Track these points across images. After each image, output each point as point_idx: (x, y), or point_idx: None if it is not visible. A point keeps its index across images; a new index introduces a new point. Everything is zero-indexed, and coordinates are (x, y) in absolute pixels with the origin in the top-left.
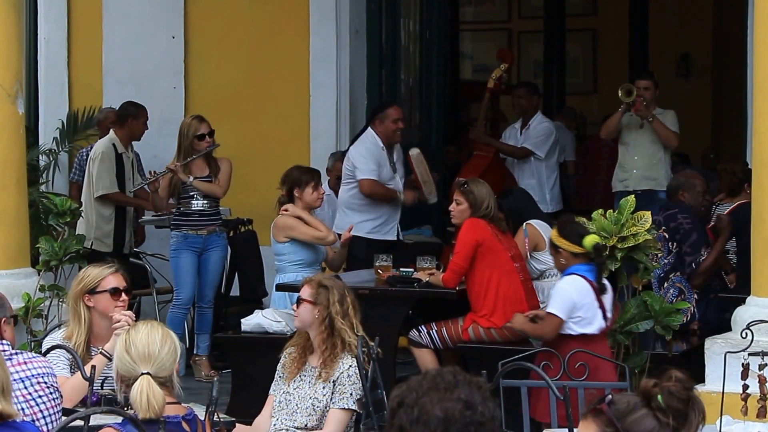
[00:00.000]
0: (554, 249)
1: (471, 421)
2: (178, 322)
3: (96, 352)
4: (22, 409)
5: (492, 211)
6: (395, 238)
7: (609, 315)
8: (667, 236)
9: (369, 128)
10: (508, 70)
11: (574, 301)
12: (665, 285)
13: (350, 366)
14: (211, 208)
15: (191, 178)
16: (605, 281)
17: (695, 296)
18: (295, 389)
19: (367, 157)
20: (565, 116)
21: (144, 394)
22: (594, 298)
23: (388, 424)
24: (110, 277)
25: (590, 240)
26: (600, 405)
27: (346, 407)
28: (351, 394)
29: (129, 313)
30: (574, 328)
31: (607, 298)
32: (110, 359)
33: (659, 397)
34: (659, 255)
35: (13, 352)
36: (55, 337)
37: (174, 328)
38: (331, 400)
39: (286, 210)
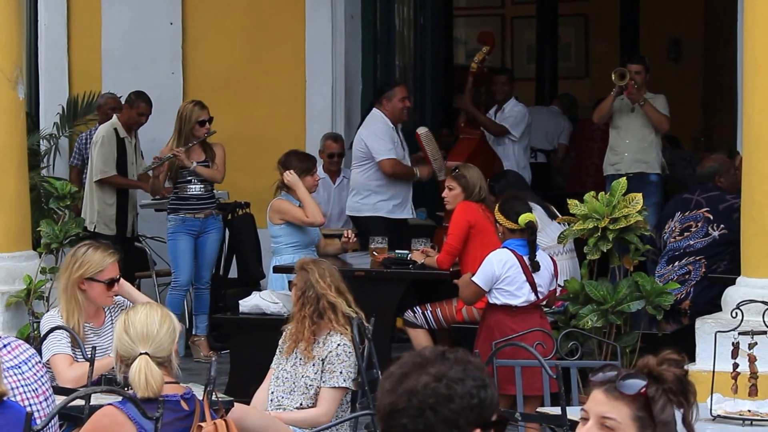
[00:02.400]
0: (496, 222)
1: (434, 393)
2: (177, 304)
3: (89, 328)
4: (24, 392)
5: (483, 193)
6: (411, 216)
7: (542, 290)
8: (711, 217)
9: (375, 109)
10: (490, 53)
11: (495, 274)
12: (675, 264)
13: (339, 344)
14: (207, 192)
15: (194, 164)
16: (540, 260)
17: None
18: (292, 366)
19: (382, 137)
20: (561, 101)
21: (142, 373)
22: (520, 272)
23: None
24: (110, 267)
25: (524, 218)
26: (641, 389)
27: (337, 385)
28: (341, 372)
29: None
30: (498, 298)
31: (542, 276)
32: None
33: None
34: (686, 234)
35: (2, 336)
36: (54, 318)
37: (173, 310)
38: (321, 379)
39: (291, 173)
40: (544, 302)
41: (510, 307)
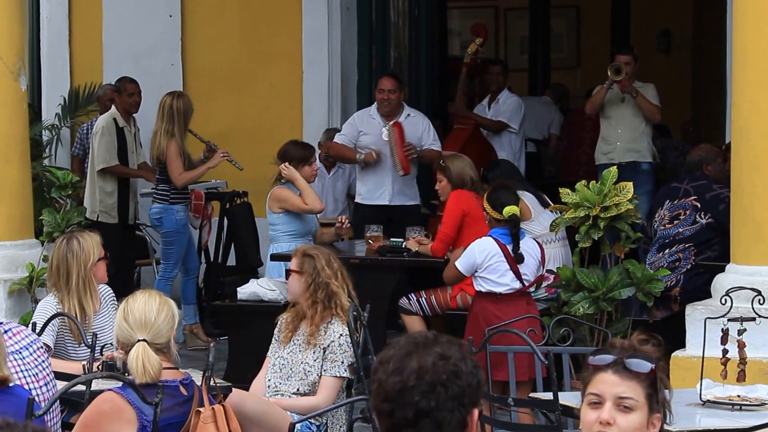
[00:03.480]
0: (484, 210)
1: (444, 371)
2: (168, 293)
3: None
4: (24, 377)
5: (474, 181)
6: (387, 203)
7: (528, 278)
8: (699, 206)
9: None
10: (484, 44)
11: (476, 262)
12: (665, 252)
13: (341, 335)
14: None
15: (222, 154)
16: (525, 248)
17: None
18: (289, 353)
19: (346, 123)
20: (552, 91)
21: (140, 359)
22: (503, 261)
23: (371, 381)
24: (101, 247)
25: (508, 210)
26: (652, 367)
27: (338, 375)
28: (342, 362)
29: None
30: (482, 285)
31: (527, 264)
32: None
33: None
34: (676, 222)
35: (3, 322)
36: (50, 306)
37: None
38: (322, 367)
39: (287, 167)
40: (533, 288)
41: (494, 294)
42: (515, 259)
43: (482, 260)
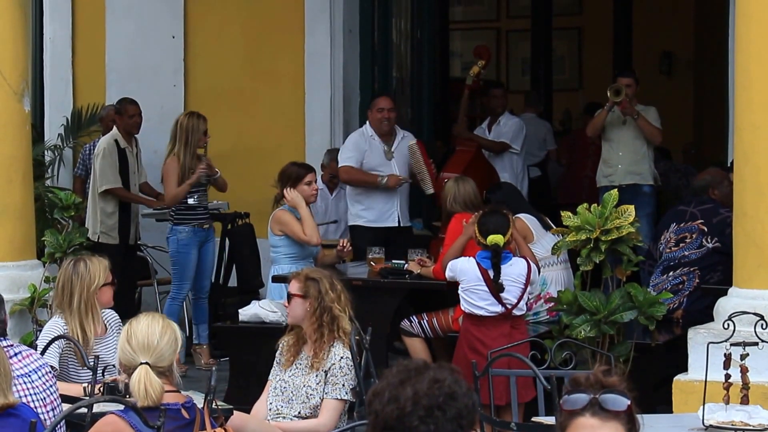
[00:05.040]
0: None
1: (440, 393)
2: (177, 313)
3: (95, 338)
4: (32, 401)
5: (478, 204)
6: (396, 225)
7: (510, 302)
8: (706, 230)
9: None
10: (486, 67)
11: (456, 274)
12: (670, 274)
13: (342, 357)
14: (207, 202)
15: (219, 173)
16: (506, 278)
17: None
18: (290, 377)
19: (348, 145)
20: (529, 103)
21: (142, 382)
22: (481, 284)
23: (367, 414)
24: (109, 272)
25: (491, 239)
26: (626, 406)
27: (339, 398)
28: (343, 385)
29: None
30: (464, 305)
31: (510, 292)
32: None
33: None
34: (681, 245)
35: (14, 344)
36: (56, 327)
37: (173, 319)
38: (324, 390)
39: (289, 192)
40: (530, 312)
41: (476, 317)
42: (496, 288)
43: (461, 279)
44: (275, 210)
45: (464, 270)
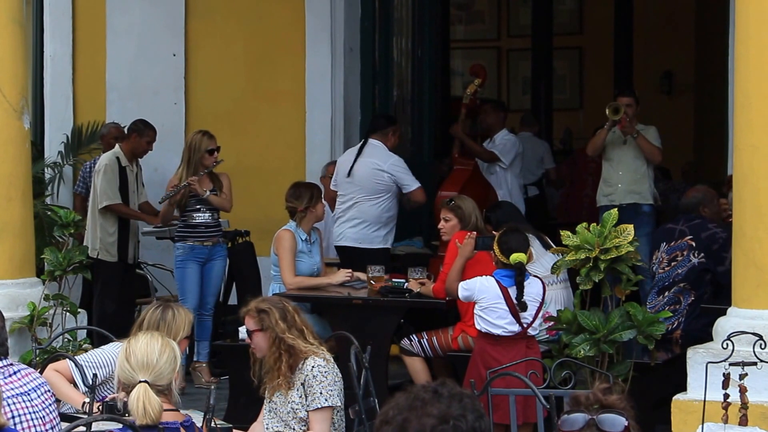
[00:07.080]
0: (492, 251)
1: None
2: None
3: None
4: (31, 419)
5: (478, 223)
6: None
7: (527, 321)
8: (694, 245)
9: (378, 141)
10: (483, 85)
11: (473, 295)
12: (665, 294)
13: (313, 367)
14: (213, 220)
15: (207, 192)
16: (527, 300)
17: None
18: (278, 398)
19: (407, 167)
20: (524, 124)
21: (140, 401)
22: (500, 302)
23: None
24: (191, 327)
25: (515, 257)
26: (623, 427)
27: (320, 406)
28: (320, 393)
29: None
30: (480, 324)
31: (529, 314)
32: None
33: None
34: (673, 264)
35: (13, 363)
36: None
37: None
38: (306, 403)
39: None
40: (537, 330)
41: (493, 336)
42: (519, 308)
43: (479, 298)
44: (280, 229)
45: (483, 289)
